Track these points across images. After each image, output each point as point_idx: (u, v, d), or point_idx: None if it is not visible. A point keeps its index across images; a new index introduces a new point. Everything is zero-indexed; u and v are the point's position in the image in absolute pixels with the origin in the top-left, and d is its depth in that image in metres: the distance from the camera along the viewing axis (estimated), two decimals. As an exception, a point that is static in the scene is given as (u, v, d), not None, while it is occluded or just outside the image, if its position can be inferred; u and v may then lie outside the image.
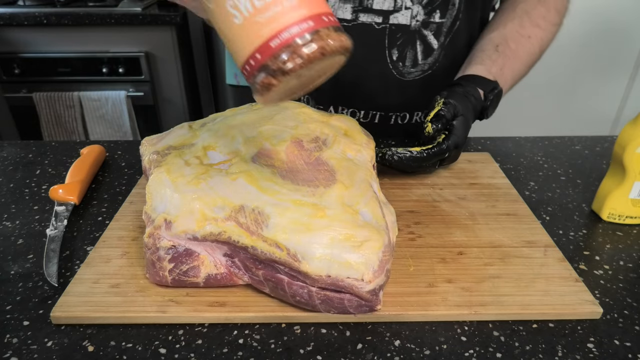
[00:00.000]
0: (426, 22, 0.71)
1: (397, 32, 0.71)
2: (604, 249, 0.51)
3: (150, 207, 0.43)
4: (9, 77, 1.75)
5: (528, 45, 0.71)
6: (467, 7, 0.71)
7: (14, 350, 0.38)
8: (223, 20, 0.31)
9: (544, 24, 0.72)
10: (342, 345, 0.39)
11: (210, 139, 0.48)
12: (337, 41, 0.30)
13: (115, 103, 1.75)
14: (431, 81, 0.75)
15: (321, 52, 0.29)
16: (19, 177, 0.64)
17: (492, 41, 0.71)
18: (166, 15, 1.65)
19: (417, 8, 0.69)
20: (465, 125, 0.61)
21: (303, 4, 0.30)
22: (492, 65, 0.67)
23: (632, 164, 0.51)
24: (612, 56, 1.77)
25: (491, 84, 0.64)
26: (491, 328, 0.41)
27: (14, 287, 0.45)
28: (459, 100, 0.60)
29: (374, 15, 0.70)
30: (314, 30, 0.30)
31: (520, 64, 0.71)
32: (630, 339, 0.40)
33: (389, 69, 0.74)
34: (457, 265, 0.46)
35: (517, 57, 0.70)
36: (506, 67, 0.68)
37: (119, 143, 0.74)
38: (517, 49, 0.70)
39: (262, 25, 0.29)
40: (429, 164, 0.60)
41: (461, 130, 0.60)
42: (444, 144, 0.59)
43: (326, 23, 0.30)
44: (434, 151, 0.59)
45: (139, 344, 0.39)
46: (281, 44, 0.29)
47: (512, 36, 0.70)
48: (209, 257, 0.43)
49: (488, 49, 0.70)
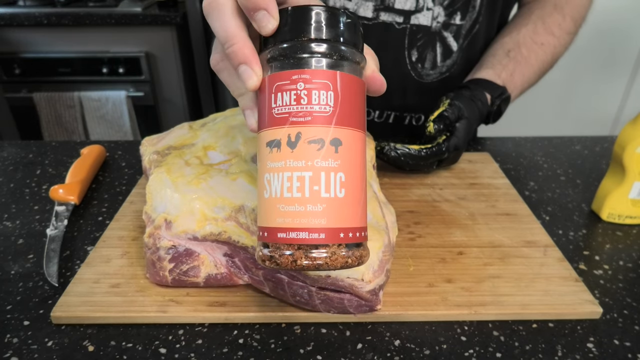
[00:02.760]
0: (447, 23, 0.70)
1: (418, 33, 0.70)
2: (603, 249, 0.51)
3: (150, 207, 0.43)
4: (9, 77, 1.75)
5: (540, 53, 0.70)
6: (487, 10, 0.71)
7: (14, 350, 0.38)
8: (258, 183, 0.32)
9: (559, 32, 0.71)
10: (342, 345, 0.39)
11: (210, 139, 0.49)
12: (340, 261, 0.30)
13: (116, 103, 1.75)
14: (448, 84, 0.74)
15: (315, 267, 0.29)
16: (19, 177, 0.64)
17: (504, 46, 0.70)
18: (166, 15, 1.65)
19: (438, 9, 0.69)
20: (468, 128, 0.60)
21: (326, 214, 0.29)
22: (503, 70, 0.67)
23: (632, 164, 0.51)
24: (612, 56, 1.77)
25: (499, 89, 0.64)
26: (491, 328, 0.41)
27: (14, 287, 0.45)
28: (465, 103, 0.60)
29: (395, 14, 0.69)
30: (322, 244, 0.29)
31: (531, 71, 0.70)
32: (630, 339, 0.40)
33: (407, 70, 0.73)
34: (457, 265, 0.47)
35: (529, 63, 0.69)
36: (516, 73, 0.68)
37: (119, 143, 0.74)
38: (529, 55, 0.69)
39: (280, 215, 0.30)
40: (427, 163, 0.60)
41: (463, 133, 0.60)
42: (443, 145, 0.59)
43: (340, 240, 0.30)
44: (432, 151, 0.59)
45: (139, 344, 0.39)
46: (285, 241, 0.30)
47: (524, 42, 0.69)
48: (209, 257, 0.43)
49: (499, 53, 0.69)
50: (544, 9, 0.71)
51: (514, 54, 0.68)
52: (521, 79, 0.69)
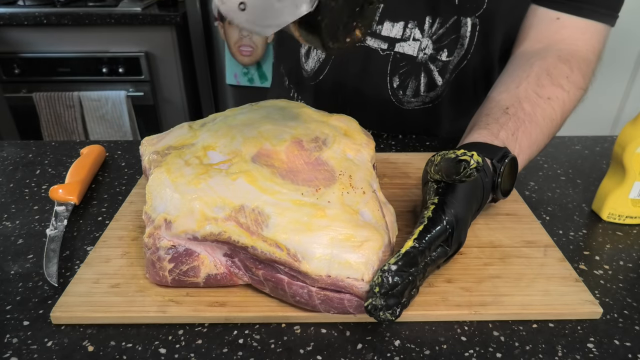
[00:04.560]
0: (433, 57, 0.69)
1: (402, 61, 0.69)
2: (604, 249, 0.51)
3: (150, 207, 0.43)
4: (9, 77, 1.75)
5: (548, 109, 0.56)
6: (479, 48, 0.67)
7: (14, 350, 0.38)
8: None
9: (568, 86, 0.58)
10: (342, 345, 0.39)
11: (210, 139, 0.48)
12: None
13: (115, 103, 1.75)
14: (431, 112, 0.73)
15: None
16: (19, 177, 0.64)
17: (499, 103, 0.56)
18: (166, 15, 1.65)
19: (426, 41, 0.67)
20: (464, 226, 0.43)
21: None
22: (500, 129, 0.52)
23: (632, 164, 0.51)
24: (612, 56, 1.76)
25: (500, 150, 0.48)
26: (491, 328, 0.41)
27: (14, 287, 0.45)
28: (457, 205, 0.42)
29: (381, 41, 0.69)
30: None
31: (539, 131, 0.55)
32: (630, 339, 0.40)
33: (388, 95, 0.72)
34: (457, 265, 0.46)
35: (534, 121, 0.54)
36: (520, 132, 0.53)
37: (119, 143, 0.74)
38: (533, 111, 0.55)
39: None
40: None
41: (460, 232, 0.43)
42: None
43: None
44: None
45: (139, 344, 0.39)
46: None
47: (527, 96, 0.56)
48: (209, 257, 0.43)
49: (494, 112, 0.55)
50: (547, 59, 0.60)
51: (514, 110, 0.54)
52: (528, 140, 0.53)
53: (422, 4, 0.66)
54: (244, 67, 1.72)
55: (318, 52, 0.75)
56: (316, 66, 0.76)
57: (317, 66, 0.76)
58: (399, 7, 0.67)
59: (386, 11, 0.68)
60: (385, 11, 0.68)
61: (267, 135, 0.48)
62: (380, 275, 0.37)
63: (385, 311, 0.37)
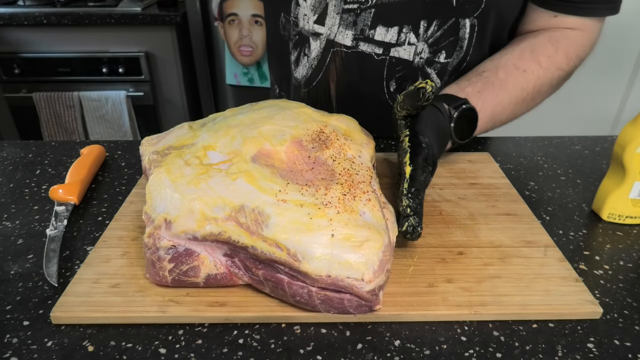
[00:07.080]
0: (430, 60, 0.69)
1: (397, 65, 0.69)
2: (604, 249, 0.51)
3: (150, 207, 0.43)
4: (9, 77, 1.75)
5: (520, 79, 0.62)
6: (476, 49, 0.68)
7: (14, 350, 0.38)
8: None
9: (547, 63, 0.64)
10: (342, 345, 0.39)
11: (210, 139, 0.48)
12: None
13: (115, 103, 1.75)
14: None
15: None
16: (19, 177, 0.64)
17: (479, 68, 0.64)
18: (166, 15, 1.65)
19: (422, 45, 0.67)
20: (436, 147, 0.52)
21: None
22: (468, 85, 0.60)
23: (632, 164, 0.51)
24: (612, 56, 1.77)
25: (460, 100, 0.56)
26: (491, 328, 0.41)
27: (14, 287, 0.45)
28: (426, 124, 0.50)
29: (375, 45, 0.68)
30: None
31: (507, 96, 0.62)
32: (631, 339, 0.40)
33: (385, 99, 0.72)
34: (457, 265, 0.47)
35: (504, 87, 0.62)
36: (487, 92, 0.60)
37: (119, 143, 0.74)
38: (505, 78, 0.62)
39: None
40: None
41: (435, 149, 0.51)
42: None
43: None
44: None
45: (139, 344, 0.39)
46: None
47: (505, 65, 0.63)
48: (209, 257, 0.43)
49: (471, 74, 0.63)
50: (537, 38, 0.66)
51: (487, 74, 0.61)
52: (493, 102, 0.60)
53: (417, 8, 0.66)
54: (244, 67, 1.72)
55: (310, 59, 0.75)
56: (308, 73, 0.76)
57: (310, 73, 0.75)
58: (393, 12, 0.66)
59: (379, 17, 0.67)
60: (378, 17, 0.67)
61: (267, 135, 0.48)
62: (406, 198, 0.44)
63: (418, 228, 0.43)
